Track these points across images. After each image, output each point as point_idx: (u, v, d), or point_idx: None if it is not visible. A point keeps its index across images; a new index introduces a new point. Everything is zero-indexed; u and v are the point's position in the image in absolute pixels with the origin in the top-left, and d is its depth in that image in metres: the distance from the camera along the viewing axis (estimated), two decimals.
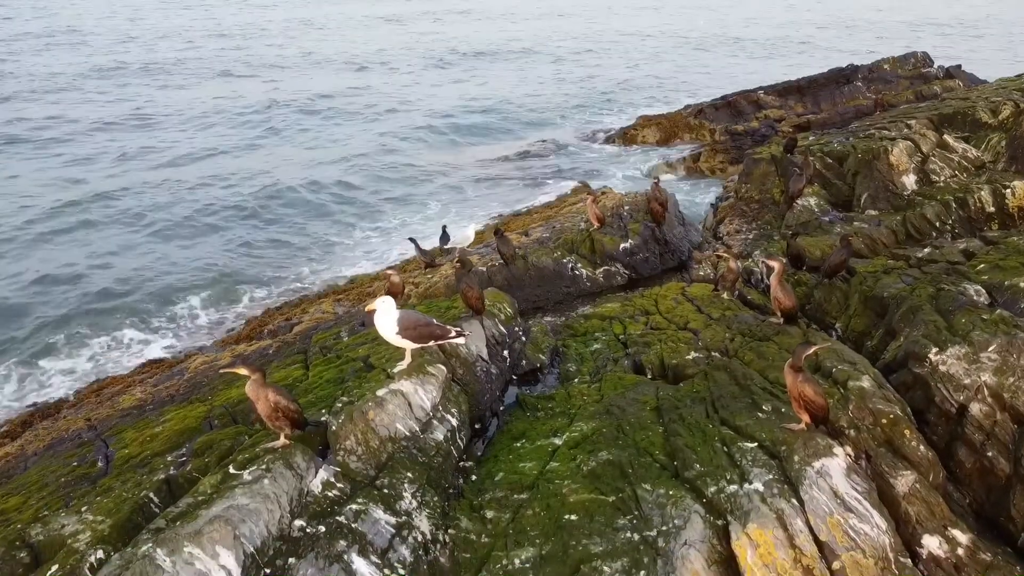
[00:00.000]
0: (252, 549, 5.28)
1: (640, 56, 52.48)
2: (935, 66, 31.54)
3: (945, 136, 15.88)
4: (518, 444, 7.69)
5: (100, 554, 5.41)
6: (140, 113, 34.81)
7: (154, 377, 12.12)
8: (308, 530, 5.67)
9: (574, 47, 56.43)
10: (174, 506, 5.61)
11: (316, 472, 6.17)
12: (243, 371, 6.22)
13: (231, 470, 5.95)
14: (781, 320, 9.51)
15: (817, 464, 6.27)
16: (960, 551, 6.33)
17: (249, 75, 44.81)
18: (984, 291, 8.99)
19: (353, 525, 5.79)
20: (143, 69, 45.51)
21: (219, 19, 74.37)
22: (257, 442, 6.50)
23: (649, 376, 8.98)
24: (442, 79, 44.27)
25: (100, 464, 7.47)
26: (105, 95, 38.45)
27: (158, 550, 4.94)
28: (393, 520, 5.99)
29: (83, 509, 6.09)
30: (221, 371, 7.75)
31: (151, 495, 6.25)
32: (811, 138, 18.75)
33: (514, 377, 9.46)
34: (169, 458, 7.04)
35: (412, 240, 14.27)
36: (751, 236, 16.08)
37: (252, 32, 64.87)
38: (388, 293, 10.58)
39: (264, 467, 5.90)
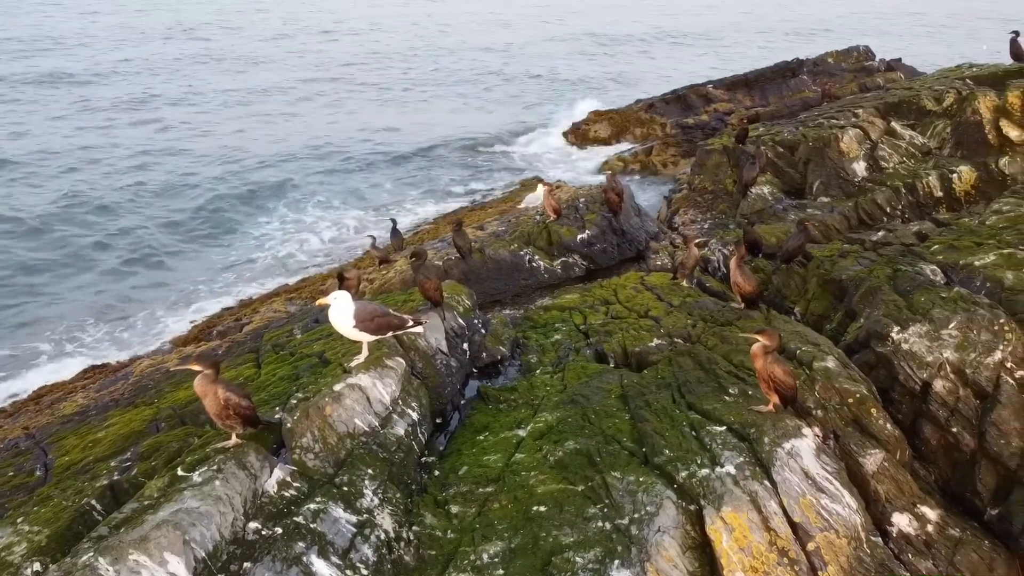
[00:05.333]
0: (203, 554, 4.95)
1: (591, 52, 52.60)
2: (877, 59, 32.22)
3: (892, 123, 16.12)
4: (481, 437, 7.47)
5: (37, 566, 5.02)
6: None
7: (97, 382, 11.59)
8: (264, 532, 5.36)
9: (523, 42, 56.31)
10: (118, 512, 5.24)
11: (271, 471, 5.85)
12: (196, 367, 5.84)
13: (179, 472, 5.60)
14: (742, 305, 9.47)
15: (787, 445, 6.18)
16: (929, 528, 6.33)
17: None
18: (940, 271, 9.06)
19: (312, 525, 5.49)
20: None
21: None
22: (207, 442, 6.15)
23: (612, 364, 8.84)
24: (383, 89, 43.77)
25: (39, 473, 7.04)
26: None
27: (100, 559, 4.58)
28: (354, 519, 5.71)
29: (19, 520, 5.67)
30: (173, 369, 7.35)
31: (93, 502, 5.86)
32: (761, 128, 18.90)
33: (475, 370, 9.23)
34: (113, 463, 6.65)
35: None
36: (706, 226, 16.13)
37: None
38: (342, 288, 10.28)
39: (215, 468, 5.57)
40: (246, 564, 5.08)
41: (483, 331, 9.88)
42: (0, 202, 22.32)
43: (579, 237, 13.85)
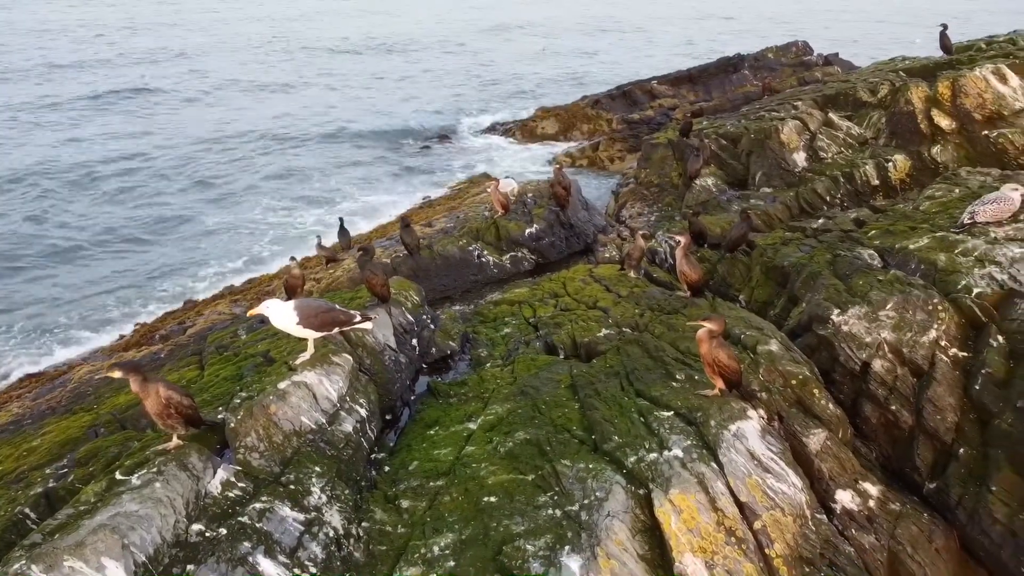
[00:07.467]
0: (144, 558, 4.80)
1: (538, 51, 52.72)
2: (815, 54, 33.00)
3: (830, 115, 16.51)
4: (432, 432, 7.41)
5: None
6: None
7: (33, 391, 11.21)
8: (208, 534, 5.22)
9: (471, 41, 56.18)
10: (52, 519, 5.05)
11: (214, 472, 5.71)
12: (116, 373, 5.62)
13: (118, 476, 5.43)
14: (688, 293, 9.58)
15: (733, 427, 6.26)
16: (871, 503, 6.48)
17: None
18: (877, 255, 9.29)
19: (258, 525, 5.37)
20: None
21: None
22: (147, 445, 5.98)
23: (562, 355, 8.86)
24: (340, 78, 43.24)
25: None
26: None
27: (33, 566, 4.40)
28: (301, 517, 5.61)
29: None
30: (98, 376, 7.13)
31: (27, 510, 5.66)
32: (705, 122, 19.19)
33: (424, 365, 9.17)
34: (48, 471, 6.43)
35: (317, 237, 14.30)
36: (653, 218, 16.32)
37: None
38: (287, 286, 10.12)
39: (155, 470, 5.41)
40: (189, 566, 4.95)
41: (432, 327, 9.82)
42: None
43: (527, 232, 13.87)
